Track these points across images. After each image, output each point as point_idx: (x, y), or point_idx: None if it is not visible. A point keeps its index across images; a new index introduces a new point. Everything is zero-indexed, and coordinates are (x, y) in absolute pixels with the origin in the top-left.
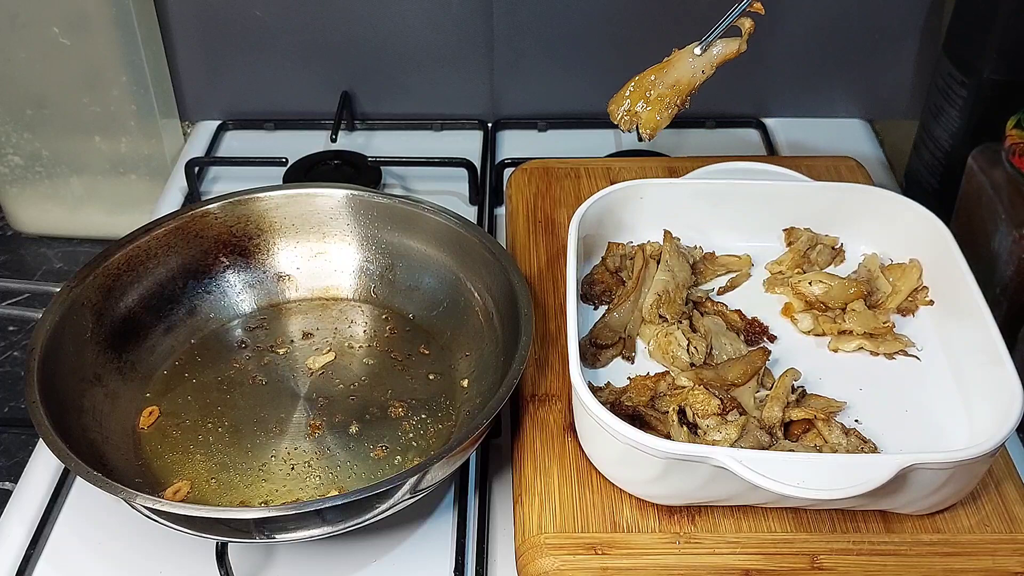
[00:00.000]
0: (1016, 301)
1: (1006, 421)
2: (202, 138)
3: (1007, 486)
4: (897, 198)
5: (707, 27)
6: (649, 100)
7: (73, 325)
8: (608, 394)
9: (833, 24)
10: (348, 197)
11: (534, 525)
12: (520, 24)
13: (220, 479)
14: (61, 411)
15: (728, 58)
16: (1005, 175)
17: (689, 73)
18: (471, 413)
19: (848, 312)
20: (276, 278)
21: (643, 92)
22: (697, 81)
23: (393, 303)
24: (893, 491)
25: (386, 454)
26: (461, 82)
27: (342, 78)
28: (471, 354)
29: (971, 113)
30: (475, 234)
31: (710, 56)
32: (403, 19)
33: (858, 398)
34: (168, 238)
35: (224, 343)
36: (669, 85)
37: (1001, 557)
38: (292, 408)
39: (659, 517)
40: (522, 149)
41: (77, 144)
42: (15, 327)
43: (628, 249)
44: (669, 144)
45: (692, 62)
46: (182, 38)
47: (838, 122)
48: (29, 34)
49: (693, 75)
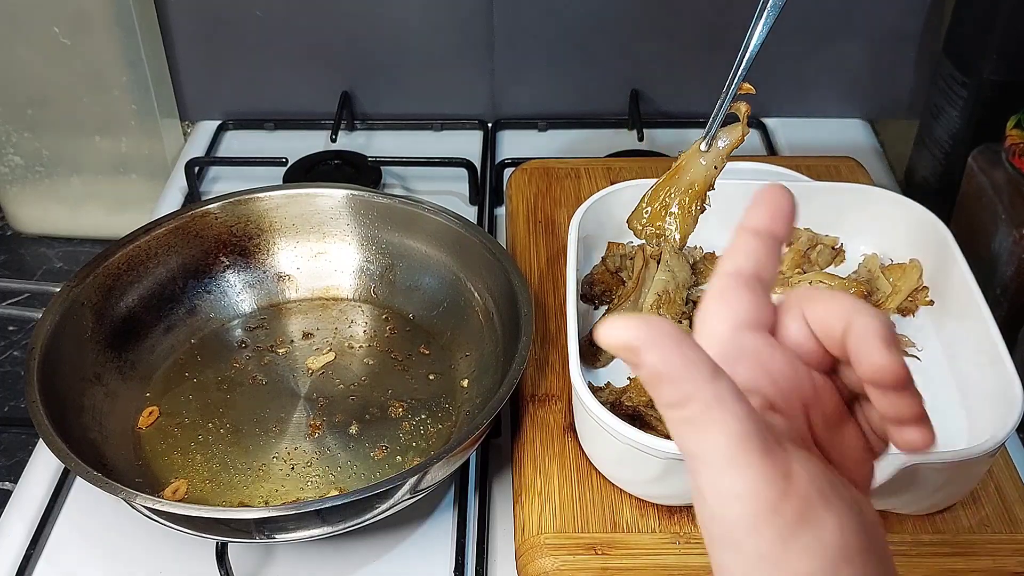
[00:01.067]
0: (1016, 301)
1: (1006, 421)
2: (202, 138)
3: (1007, 486)
4: (897, 198)
5: (706, 27)
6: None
7: (73, 325)
8: (608, 394)
9: (833, 24)
10: (348, 197)
11: (534, 525)
12: (520, 24)
13: (220, 479)
14: (61, 411)
15: (735, 146)
16: (1005, 175)
17: (702, 172)
18: (471, 413)
19: None
20: (276, 278)
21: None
22: (712, 177)
23: (393, 303)
24: (893, 491)
25: (386, 454)
26: (461, 82)
27: (342, 78)
28: (471, 354)
29: (971, 113)
30: (475, 234)
31: (717, 150)
32: (403, 19)
33: None
34: (168, 238)
35: (224, 343)
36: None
37: (1001, 557)
38: (292, 408)
39: (659, 517)
40: (522, 149)
41: (77, 144)
42: (15, 327)
43: (628, 249)
44: (669, 144)
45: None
46: (182, 38)
47: (838, 122)
48: (29, 34)
49: (707, 173)
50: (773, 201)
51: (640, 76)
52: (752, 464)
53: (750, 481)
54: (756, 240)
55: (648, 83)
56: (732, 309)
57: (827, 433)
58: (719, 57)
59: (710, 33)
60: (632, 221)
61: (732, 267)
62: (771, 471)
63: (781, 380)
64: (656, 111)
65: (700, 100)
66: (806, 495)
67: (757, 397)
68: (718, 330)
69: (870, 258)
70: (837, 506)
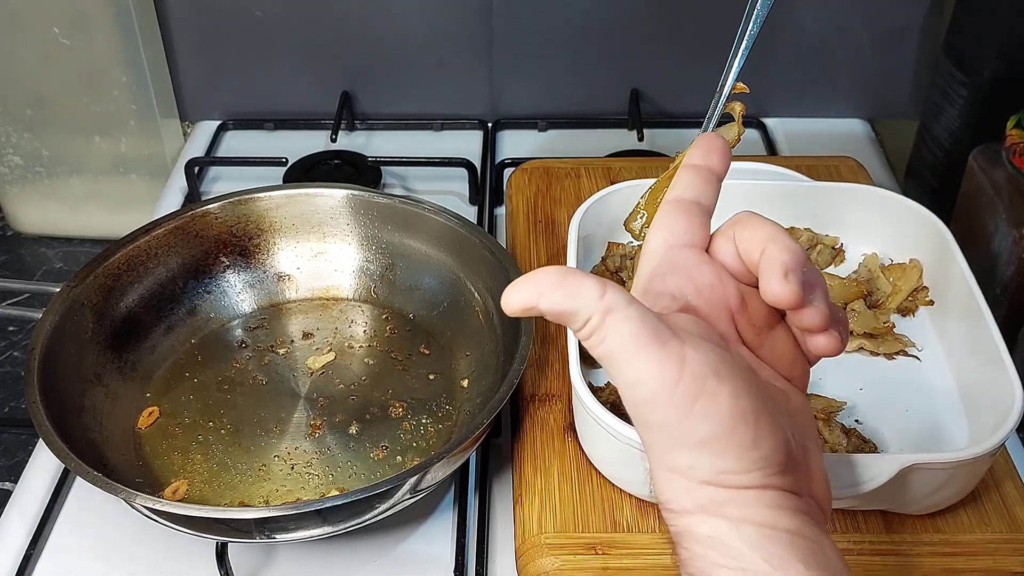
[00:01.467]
0: (1016, 301)
1: (1006, 421)
2: (202, 138)
3: (1007, 486)
4: (897, 198)
5: (707, 27)
6: None
7: (73, 325)
8: (608, 394)
9: (833, 24)
10: (348, 197)
11: (534, 525)
12: (520, 24)
13: (220, 479)
14: (61, 411)
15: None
16: (1005, 175)
17: None
18: (471, 413)
19: (848, 312)
20: (276, 278)
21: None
22: None
23: (393, 303)
24: (893, 491)
25: (386, 454)
26: (461, 82)
27: (342, 78)
28: (471, 354)
29: (971, 113)
30: (475, 234)
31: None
32: (403, 19)
33: (858, 398)
34: (168, 238)
35: (224, 343)
36: None
37: (1001, 557)
38: (292, 408)
39: (659, 517)
40: (522, 149)
41: (77, 144)
42: (15, 327)
43: (628, 249)
44: (669, 144)
45: None
46: (182, 38)
47: (838, 122)
48: (29, 34)
49: None
50: (706, 141)
51: (640, 76)
52: (648, 355)
53: (647, 368)
54: (693, 173)
55: (648, 83)
56: (668, 230)
57: (756, 337)
58: (719, 57)
59: (710, 33)
60: (629, 223)
61: (672, 196)
62: (665, 358)
63: (706, 290)
64: (656, 111)
65: (700, 100)
66: (700, 373)
67: (679, 302)
68: (655, 247)
69: (870, 258)
70: (730, 380)
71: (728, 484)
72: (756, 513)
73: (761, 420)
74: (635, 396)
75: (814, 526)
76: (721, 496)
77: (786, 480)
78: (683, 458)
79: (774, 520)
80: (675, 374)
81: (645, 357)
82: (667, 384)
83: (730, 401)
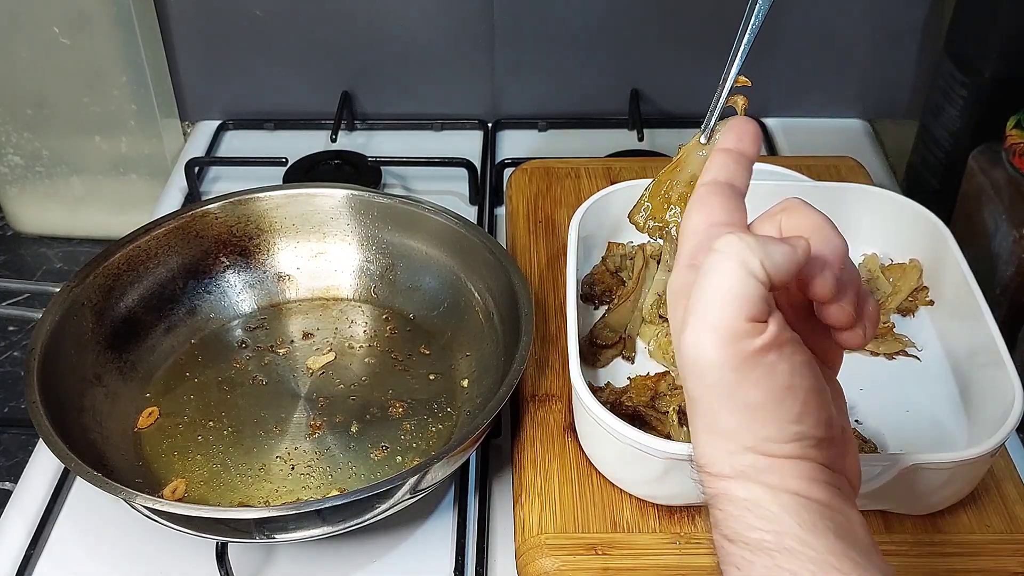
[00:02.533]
0: (1016, 301)
1: (1006, 421)
2: (202, 138)
3: (1007, 486)
4: (897, 198)
5: (707, 27)
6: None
7: (73, 325)
8: (608, 394)
9: (833, 24)
10: (348, 197)
11: (534, 525)
12: (520, 24)
13: (220, 479)
14: (61, 411)
15: None
16: (1005, 175)
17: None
18: (471, 413)
19: None
20: (276, 278)
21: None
22: None
23: (393, 303)
24: (893, 491)
25: (386, 454)
26: (461, 82)
27: (342, 78)
28: (471, 354)
29: (971, 113)
30: (475, 234)
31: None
32: (403, 19)
33: (858, 398)
34: (168, 238)
35: (224, 343)
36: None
37: (1001, 557)
38: (292, 408)
39: (659, 517)
40: (522, 149)
41: (77, 144)
42: (15, 327)
43: (628, 249)
44: (669, 144)
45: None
46: (182, 38)
47: (838, 122)
48: (29, 34)
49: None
50: (739, 125)
51: (640, 76)
52: (745, 306)
53: (732, 318)
54: (727, 157)
55: (648, 83)
56: (708, 210)
57: (796, 319)
58: (719, 57)
59: (710, 33)
60: (633, 215)
61: (708, 179)
62: (755, 315)
63: None
64: (656, 111)
65: (700, 100)
66: (771, 343)
67: None
68: (696, 225)
69: (870, 258)
70: (790, 358)
71: (769, 452)
72: (792, 482)
73: (810, 398)
74: (701, 338)
75: (844, 500)
76: (762, 463)
77: (823, 455)
78: (729, 420)
79: (808, 490)
80: (750, 333)
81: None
82: (737, 338)
83: (786, 377)
